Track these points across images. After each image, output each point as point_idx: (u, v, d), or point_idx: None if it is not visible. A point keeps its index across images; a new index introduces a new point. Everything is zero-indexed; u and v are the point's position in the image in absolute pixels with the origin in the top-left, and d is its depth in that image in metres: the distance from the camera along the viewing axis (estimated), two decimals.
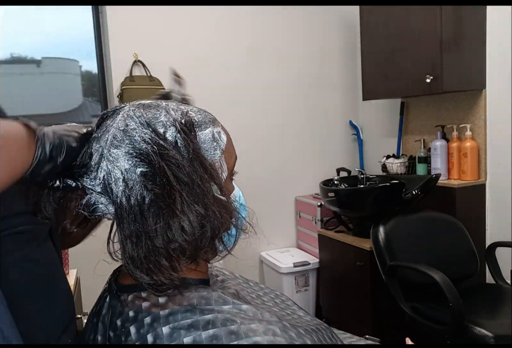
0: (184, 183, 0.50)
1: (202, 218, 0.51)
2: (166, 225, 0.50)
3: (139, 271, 0.51)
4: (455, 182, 2.13)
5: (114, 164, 0.52)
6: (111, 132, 0.53)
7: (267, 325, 0.53)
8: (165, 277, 0.51)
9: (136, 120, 0.53)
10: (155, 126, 0.53)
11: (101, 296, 0.61)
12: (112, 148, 0.52)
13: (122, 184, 0.51)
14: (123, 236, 0.51)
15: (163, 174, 0.50)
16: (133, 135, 0.52)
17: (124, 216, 0.51)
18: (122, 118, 0.54)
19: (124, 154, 0.51)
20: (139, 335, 0.51)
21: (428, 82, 1.99)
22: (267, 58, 2.64)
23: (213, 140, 0.57)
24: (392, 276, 1.75)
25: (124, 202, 0.51)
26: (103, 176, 0.52)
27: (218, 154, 0.58)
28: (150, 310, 0.52)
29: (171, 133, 0.53)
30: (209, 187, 0.52)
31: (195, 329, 0.50)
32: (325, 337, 0.62)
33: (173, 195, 0.50)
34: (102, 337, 0.56)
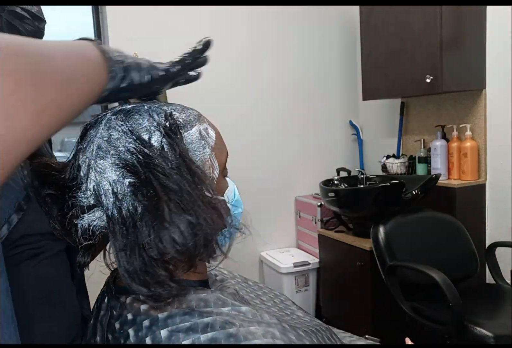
0: (173, 192, 0.49)
1: (193, 226, 0.49)
2: (157, 237, 0.48)
3: (136, 283, 0.49)
4: (455, 182, 2.13)
5: (102, 175, 0.51)
6: (95, 143, 0.52)
7: (267, 327, 0.53)
8: (163, 288, 0.50)
9: (119, 129, 0.52)
10: (139, 134, 0.51)
11: (99, 297, 0.61)
12: (98, 160, 0.51)
13: (111, 195, 0.50)
14: (117, 249, 0.50)
15: (149, 185, 0.48)
16: (118, 145, 0.51)
17: (116, 229, 0.50)
18: (105, 128, 0.52)
19: (110, 165, 0.50)
20: (138, 338, 0.51)
21: (428, 82, 1.99)
22: (267, 58, 2.64)
23: (201, 139, 0.56)
24: (392, 276, 1.75)
25: (116, 214, 0.50)
26: (92, 186, 0.51)
27: (208, 152, 0.56)
28: (149, 313, 0.52)
29: (156, 139, 0.51)
30: (199, 192, 0.51)
31: (194, 332, 0.49)
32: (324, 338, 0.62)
33: (161, 206, 0.48)
34: (101, 338, 0.56)
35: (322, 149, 2.84)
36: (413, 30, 2.08)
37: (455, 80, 2.01)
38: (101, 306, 0.59)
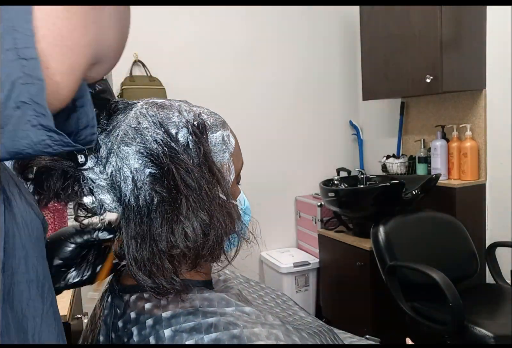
0: (191, 188, 0.49)
1: (206, 226, 0.50)
2: (170, 229, 0.49)
3: (142, 273, 0.50)
4: (455, 182, 2.13)
5: (123, 162, 0.51)
6: (122, 128, 0.52)
7: (270, 329, 0.52)
8: (166, 281, 0.50)
9: (149, 119, 0.52)
10: (167, 127, 0.52)
11: (102, 295, 0.61)
12: (122, 145, 0.51)
13: (131, 183, 0.50)
14: (129, 236, 0.50)
15: (171, 177, 0.49)
16: (145, 134, 0.51)
17: (131, 217, 0.50)
18: (134, 116, 0.53)
19: (134, 153, 0.50)
20: (141, 337, 0.51)
21: (428, 82, 1.99)
22: (267, 58, 2.64)
23: (223, 143, 0.57)
24: (392, 276, 1.75)
25: (133, 202, 0.50)
26: (111, 171, 0.51)
27: (227, 157, 0.57)
28: (152, 312, 0.52)
29: (183, 135, 0.52)
30: (216, 193, 0.52)
31: (197, 333, 0.49)
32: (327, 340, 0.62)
33: (179, 199, 0.49)
34: (105, 337, 0.55)
35: (322, 149, 2.84)
36: (413, 30, 2.08)
37: (455, 80, 2.01)
38: (104, 305, 0.58)
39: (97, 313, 0.60)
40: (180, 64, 2.41)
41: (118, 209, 0.53)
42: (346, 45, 2.84)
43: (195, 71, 2.44)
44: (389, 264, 1.76)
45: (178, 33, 2.42)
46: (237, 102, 2.57)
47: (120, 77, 2.29)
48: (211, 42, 2.49)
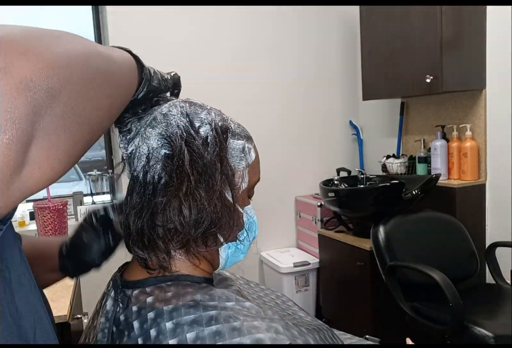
0: (198, 172, 0.53)
1: (202, 209, 0.53)
2: (168, 203, 0.52)
3: (133, 242, 0.55)
4: (455, 182, 2.13)
5: (145, 141, 0.55)
6: (153, 114, 0.57)
7: (270, 322, 0.53)
8: (156, 256, 0.54)
9: (179, 109, 0.57)
10: (192, 119, 0.56)
11: (105, 292, 0.61)
12: (149, 128, 0.56)
13: (145, 159, 0.55)
14: (129, 206, 0.55)
15: (181, 156, 0.53)
16: (170, 119, 0.55)
17: (135, 188, 0.55)
18: (167, 105, 0.57)
19: (156, 134, 0.55)
20: (142, 330, 0.51)
21: (428, 82, 1.99)
22: (267, 58, 2.64)
23: (242, 152, 0.60)
24: (392, 276, 1.75)
25: (141, 177, 0.55)
26: (131, 149, 0.56)
27: (243, 165, 0.60)
28: (154, 306, 0.53)
29: (205, 130, 0.56)
30: (220, 184, 0.55)
31: (198, 325, 0.50)
32: (326, 337, 0.62)
33: (183, 177, 0.52)
34: (102, 331, 0.56)
35: (322, 149, 2.84)
36: (413, 30, 2.08)
37: (455, 80, 2.01)
38: (107, 300, 0.59)
39: (99, 309, 0.60)
40: (179, 64, 2.40)
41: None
42: (346, 45, 2.84)
43: (195, 71, 2.44)
44: (389, 264, 1.76)
45: (178, 33, 2.42)
46: (237, 102, 2.56)
47: None
48: (211, 42, 2.49)
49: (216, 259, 0.61)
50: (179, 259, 0.58)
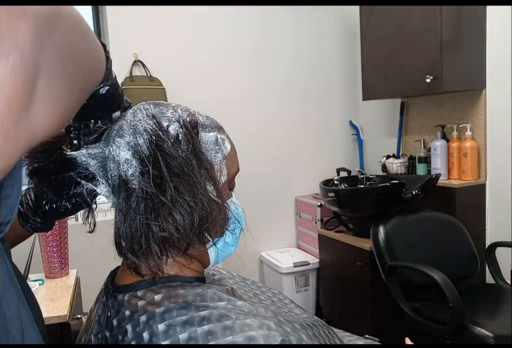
0: (175, 174, 0.52)
1: (190, 208, 0.52)
2: (156, 214, 0.51)
3: (124, 246, 0.53)
4: (455, 182, 2.13)
5: (116, 150, 0.54)
6: (119, 123, 0.56)
7: (262, 319, 0.53)
8: (149, 262, 0.53)
9: (144, 112, 0.56)
10: (159, 120, 0.55)
11: (98, 297, 0.62)
12: (117, 137, 0.55)
13: (121, 168, 0.53)
14: (117, 208, 0.54)
15: (156, 164, 0.51)
16: (137, 125, 0.54)
17: (119, 192, 0.54)
18: (131, 111, 0.57)
19: (125, 144, 0.54)
20: (135, 333, 0.51)
21: (428, 82, 1.99)
22: (267, 58, 2.64)
23: (215, 144, 0.58)
24: (392, 276, 1.75)
25: (121, 184, 0.54)
26: (102, 159, 0.55)
27: (219, 158, 0.59)
28: (146, 309, 0.53)
29: (174, 128, 0.55)
30: (201, 179, 0.54)
31: (191, 326, 0.50)
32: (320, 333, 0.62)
33: (163, 185, 0.51)
34: (95, 336, 0.56)
35: (322, 149, 2.84)
36: (413, 30, 2.08)
37: (455, 80, 2.01)
38: (99, 305, 0.59)
39: (91, 315, 0.60)
40: (180, 64, 2.42)
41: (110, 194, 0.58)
42: (346, 45, 2.84)
43: (195, 71, 2.44)
44: (389, 264, 1.76)
45: (178, 33, 2.42)
46: (237, 102, 2.57)
47: (120, 77, 2.29)
48: (211, 42, 2.49)
49: (206, 256, 0.61)
50: (168, 260, 0.57)
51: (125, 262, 0.58)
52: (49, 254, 1.58)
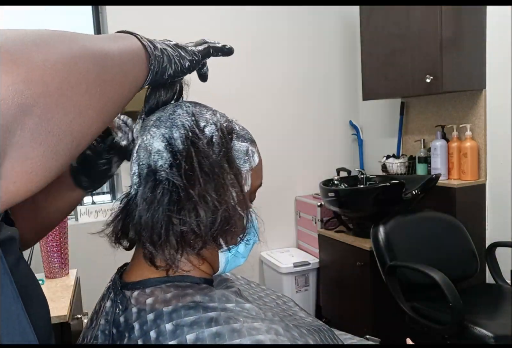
0: (205, 173, 0.53)
1: (214, 207, 0.53)
2: (180, 207, 0.52)
3: (143, 236, 0.54)
4: (455, 181, 2.13)
5: (151, 140, 0.55)
6: (157, 114, 0.57)
7: (270, 324, 0.53)
8: (165, 253, 0.54)
9: (184, 109, 0.57)
10: (198, 118, 0.56)
11: (104, 293, 0.61)
12: (153, 128, 0.56)
13: (152, 158, 0.54)
14: (140, 196, 0.54)
15: (189, 158, 0.53)
16: (175, 119, 0.56)
17: (146, 181, 0.55)
18: (172, 106, 0.58)
19: (160, 135, 0.55)
20: (142, 331, 0.51)
21: (428, 82, 1.99)
22: (267, 58, 2.64)
23: (245, 154, 0.60)
24: (392, 276, 1.75)
25: (150, 173, 0.54)
26: (137, 147, 0.56)
27: (247, 168, 0.60)
28: (154, 307, 0.52)
29: (210, 130, 0.56)
30: (229, 183, 0.55)
31: (198, 326, 0.50)
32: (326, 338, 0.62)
33: (193, 179, 0.52)
34: (102, 333, 0.56)
35: (322, 149, 2.84)
36: (413, 30, 2.08)
37: (455, 80, 2.01)
38: (106, 302, 0.59)
39: (98, 310, 0.60)
40: None
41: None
42: (346, 45, 2.84)
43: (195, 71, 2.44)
44: (389, 264, 1.76)
45: (178, 33, 2.41)
46: (237, 102, 2.56)
47: None
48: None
49: (217, 261, 0.61)
50: (182, 258, 0.57)
51: (137, 258, 0.58)
52: (49, 254, 1.58)
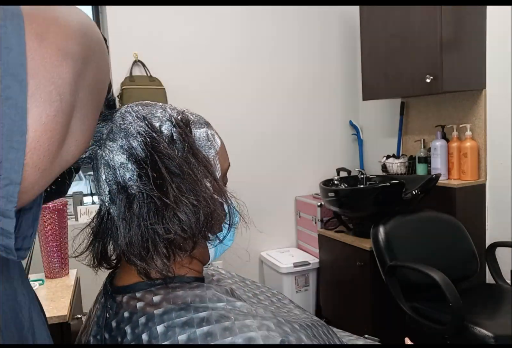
0: (175, 174, 0.52)
1: (194, 206, 0.52)
2: (160, 216, 0.51)
3: (132, 254, 0.52)
4: (455, 182, 2.13)
5: (110, 155, 0.53)
6: (107, 127, 0.55)
7: (261, 320, 0.53)
8: (157, 265, 0.53)
9: (133, 114, 0.55)
10: (151, 120, 0.54)
11: (97, 299, 0.62)
12: (108, 141, 0.54)
13: (117, 173, 0.53)
14: (117, 215, 0.53)
15: (155, 166, 0.51)
16: (129, 128, 0.53)
17: (118, 197, 0.53)
18: (119, 115, 0.56)
19: (118, 148, 0.53)
20: (134, 335, 0.51)
21: (428, 82, 1.99)
22: (267, 58, 2.64)
23: (207, 140, 0.59)
24: (392, 276, 1.75)
25: (120, 188, 0.52)
26: (98, 164, 0.54)
27: (213, 153, 0.59)
28: (145, 310, 0.53)
29: (167, 127, 0.55)
30: (201, 176, 0.54)
31: (190, 327, 0.50)
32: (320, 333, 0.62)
33: (165, 186, 0.51)
34: (94, 338, 0.56)
35: (322, 149, 2.84)
36: (413, 30, 2.08)
37: (455, 80, 2.01)
38: (97, 306, 0.59)
39: (90, 315, 0.60)
40: (180, 64, 2.42)
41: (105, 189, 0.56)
42: (346, 45, 2.84)
43: (195, 71, 2.44)
44: (389, 264, 1.75)
45: (178, 33, 2.42)
46: (237, 102, 2.57)
47: (120, 77, 2.29)
48: (211, 42, 2.49)
49: (206, 253, 0.61)
50: (171, 263, 0.57)
51: (126, 263, 0.57)
52: (49, 254, 1.58)
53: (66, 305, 1.36)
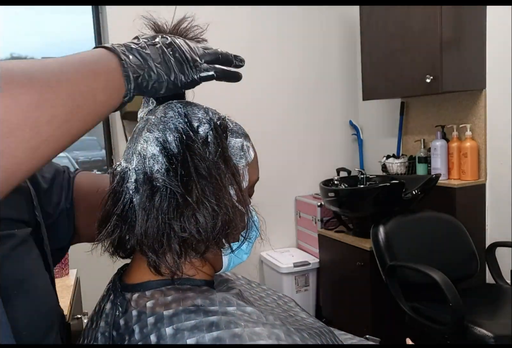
0: (202, 176, 0.52)
1: (214, 211, 0.52)
2: (179, 213, 0.52)
3: (145, 245, 0.53)
4: (455, 182, 2.13)
5: (144, 145, 0.54)
6: (148, 118, 0.56)
7: (271, 328, 0.52)
8: (168, 261, 0.53)
9: (176, 110, 0.56)
10: (191, 119, 0.55)
11: (104, 294, 0.61)
12: (146, 132, 0.55)
13: (147, 163, 0.53)
14: (138, 204, 0.53)
15: (185, 164, 0.52)
16: (168, 122, 0.55)
17: (142, 188, 0.53)
18: (162, 108, 0.57)
19: (154, 139, 0.54)
20: (142, 335, 0.51)
21: (428, 82, 1.99)
22: (268, 58, 2.64)
23: (241, 150, 0.59)
24: (392, 276, 1.75)
25: (146, 179, 0.53)
26: (132, 152, 0.55)
27: (243, 163, 0.59)
28: (154, 310, 0.52)
29: (204, 129, 0.55)
30: (227, 183, 0.54)
31: (199, 331, 0.49)
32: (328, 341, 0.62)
33: (190, 185, 0.52)
34: (102, 335, 0.55)
35: (322, 149, 2.84)
36: (413, 30, 2.08)
37: (455, 80, 2.01)
38: (106, 303, 0.58)
39: (98, 311, 0.60)
40: None
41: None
42: (346, 45, 2.84)
43: None
44: (389, 264, 1.76)
45: None
46: (237, 101, 2.56)
47: None
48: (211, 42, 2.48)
49: (219, 260, 0.61)
50: (182, 261, 0.56)
51: (138, 260, 0.57)
52: None
53: (66, 305, 1.35)
